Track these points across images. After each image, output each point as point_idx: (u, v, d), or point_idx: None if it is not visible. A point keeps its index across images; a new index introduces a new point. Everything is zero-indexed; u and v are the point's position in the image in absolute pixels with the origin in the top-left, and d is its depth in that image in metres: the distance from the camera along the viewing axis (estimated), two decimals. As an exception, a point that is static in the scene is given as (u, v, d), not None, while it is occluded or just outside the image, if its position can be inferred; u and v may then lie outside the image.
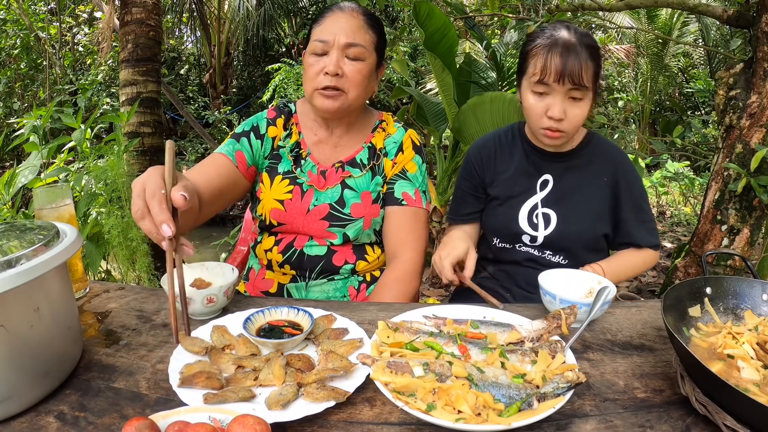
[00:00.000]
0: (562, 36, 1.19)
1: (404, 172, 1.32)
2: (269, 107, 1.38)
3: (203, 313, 1.00)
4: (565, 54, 1.16)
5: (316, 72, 1.21)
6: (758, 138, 2.32)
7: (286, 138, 1.33)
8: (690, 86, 7.69)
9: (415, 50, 7.27)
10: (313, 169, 1.30)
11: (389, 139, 1.34)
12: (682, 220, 5.25)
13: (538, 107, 1.22)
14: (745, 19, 2.51)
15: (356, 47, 1.20)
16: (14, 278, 0.66)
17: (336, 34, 1.19)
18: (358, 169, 1.30)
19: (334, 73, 1.19)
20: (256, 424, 0.60)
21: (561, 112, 1.19)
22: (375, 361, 0.77)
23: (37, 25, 7.02)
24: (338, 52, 1.19)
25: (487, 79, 3.58)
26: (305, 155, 1.31)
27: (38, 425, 0.70)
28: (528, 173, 1.35)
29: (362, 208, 1.28)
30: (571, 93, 1.19)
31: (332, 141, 1.33)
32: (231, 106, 9.57)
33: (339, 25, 1.20)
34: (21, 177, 2.29)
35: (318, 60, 1.21)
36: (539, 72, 1.19)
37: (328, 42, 1.19)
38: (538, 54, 1.20)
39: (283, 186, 1.29)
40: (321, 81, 1.20)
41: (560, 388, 0.70)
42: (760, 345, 0.79)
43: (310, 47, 1.23)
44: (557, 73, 1.17)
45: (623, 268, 1.32)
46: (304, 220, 1.28)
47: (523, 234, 1.34)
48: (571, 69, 1.16)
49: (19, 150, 6.19)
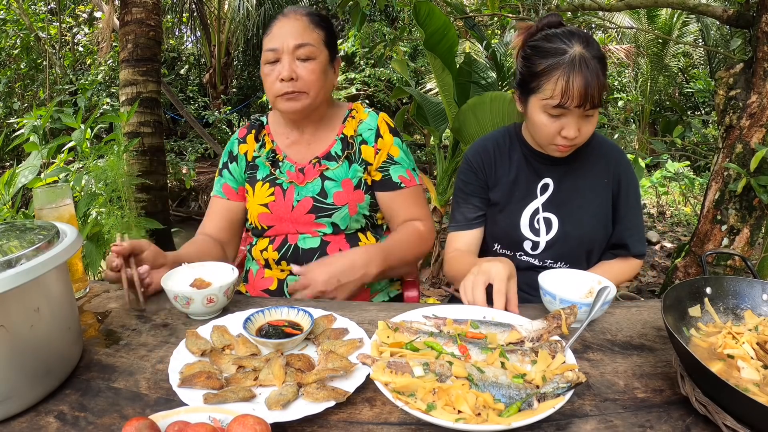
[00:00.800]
0: (577, 54, 1.11)
1: (391, 157, 1.35)
2: (242, 126, 1.47)
3: (203, 313, 1.00)
4: (585, 77, 1.10)
5: (273, 80, 1.25)
6: (758, 138, 2.32)
7: (260, 149, 1.39)
8: (690, 86, 7.69)
9: (415, 50, 7.27)
10: (291, 169, 1.35)
11: (363, 125, 1.36)
12: (682, 220, 5.25)
13: (552, 128, 1.18)
14: (745, 19, 2.51)
15: (305, 47, 1.24)
16: (14, 278, 0.66)
17: (283, 39, 1.23)
18: (334, 162, 1.33)
19: (288, 78, 1.23)
20: (256, 424, 0.60)
21: (576, 132, 1.16)
22: (375, 361, 0.77)
23: (37, 25, 7.02)
24: (289, 57, 1.23)
25: (487, 79, 3.57)
26: (282, 158, 1.36)
27: (38, 425, 0.70)
28: (528, 178, 1.33)
29: (345, 195, 1.31)
30: (587, 111, 1.15)
31: (305, 140, 1.37)
32: (231, 106, 9.57)
33: (285, 31, 1.24)
34: (21, 177, 2.29)
35: (272, 68, 1.25)
36: (559, 96, 1.12)
37: (278, 49, 1.24)
38: (556, 77, 1.12)
39: (265, 190, 1.34)
40: (279, 88, 1.24)
41: (560, 388, 0.70)
42: (760, 345, 0.79)
43: (263, 57, 1.27)
44: (580, 99, 1.11)
45: (611, 279, 1.22)
46: (290, 217, 1.31)
47: (525, 240, 1.32)
48: (593, 93, 1.11)
49: (19, 150, 6.19)
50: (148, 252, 1.09)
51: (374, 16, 7.84)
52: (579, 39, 1.15)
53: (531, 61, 1.18)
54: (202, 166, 7.61)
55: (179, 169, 6.88)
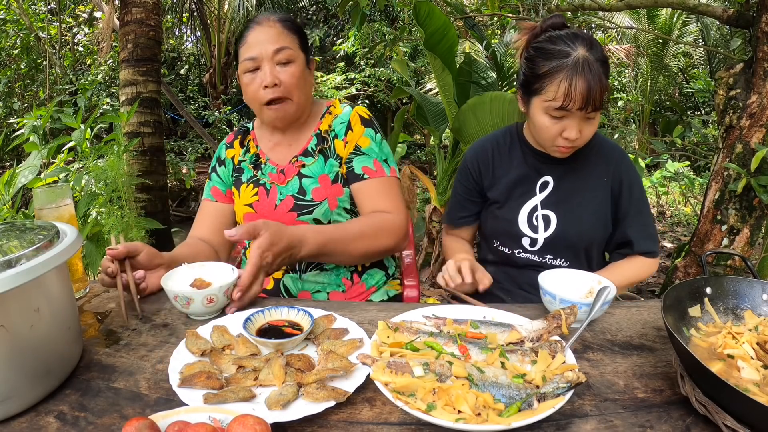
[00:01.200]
0: (580, 57, 1.12)
1: (358, 148, 1.33)
2: (230, 133, 1.49)
3: (203, 313, 1.00)
4: (588, 80, 1.11)
5: (255, 89, 1.26)
6: (758, 138, 2.32)
7: (245, 153, 1.41)
8: (690, 86, 7.69)
9: (415, 50, 7.27)
10: (272, 170, 1.36)
11: (336, 120, 1.36)
12: (682, 220, 5.25)
13: (554, 129, 1.19)
14: (745, 19, 2.51)
15: (284, 51, 1.24)
16: (14, 278, 0.66)
17: (262, 46, 1.24)
18: (310, 157, 1.34)
19: (272, 84, 1.23)
20: (256, 424, 0.60)
21: (578, 133, 1.17)
22: (375, 361, 0.77)
23: (37, 25, 7.01)
24: (269, 63, 1.24)
25: (487, 79, 3.58)
26: (264, 161, 1.38)
27: (38, 425, 0.70)
28: (527, 175, 1.34)
29: (323, 191, 1.31)
30: (588, 114, 1.16)
31: (286, 141, 1.38)
32: (231, 106, 9.57)
33: (262, 38, 1.25)
34: (21, 177, 2.29)
35: (253, 77, 1.26)
36: (561, 99, 1.13)
37: (257, 57, 1.24)
38: (558, 79, 1.13)
39: (249, 191, 1.36)
40: (263, 96, 1.25)
41: (560, 388, 0.70)
42: (760, 345, 0.79)
43: (242, 67, 1.27)
44: (582, 102, 1.12)
45: (620, 279, 1.25)
46: (273, 216, 1.32)
47: (523, 236, 1.33)
48: (595, 96, 1.12)
49: (19, 150, 6.19)
50: (143, 254, 1.08)
51: (374, 16, 7.84)
52: (583, 42, 1.15)
53: (534, 62, 1.19)
54: (202, 166, 7.60)
55: (179, 169, 6.88)
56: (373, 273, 1.40)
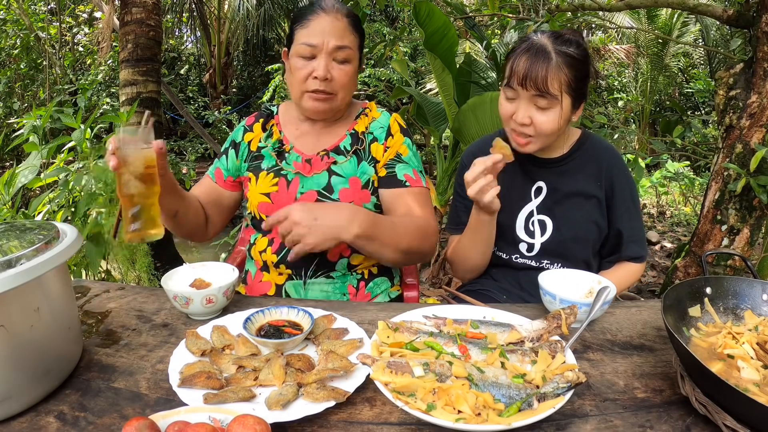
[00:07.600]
0: (538, 42, 1.18)
1: (399, 156, 1.33)
2: (252, 114, 1.43)
3: (202, 313, 1.00)
4: (533, 59, 1.15)
5: (305, 76, 1.23)
6: (758, 138, 2.32)
7: (267, 138, 1.36)
8: (690, 86, 7.69)
9: (415, 50, 7.26)
10: (297, 159, 1.32)
11: (375, 123, 1.35)
12: (682, 220, 5.25)
13: (506, 110, 1.23)
14: (745, 19, 2.51)
15: (345, 50, 1.22)
16: (14, 278, 0.66)
17: (324, 37, 1.20)
18: (342, 156, 1.31)
19: (324, 78, 1.21)
20: (256, 424, 0.60)
21: (525, 117, 1.19)
22: (375, 361, 0.77)
23: (37, 25, 7.01)
24: (327, 57, 1.21)
25: (487, 79, 3.58)
26: (289, 149, 1.34)
27: (38, 425, 0.70)
28: (522, 181, 1.34)
29: (351, 194, 1.28)
30: (536, 100, 1.17)
31: (315, 132, 1.35)
32: (231, 106, 9.57)
33: (326, 28, 1.21)
34: (21, 177, 2.29)
35: (306, 63, 1.22)
36: (507, 75, 1.20)
37: (317, 46, 1.21)
38: (511, 58, 1.21)
39: (269, 180, 1.31)
40: (310, 84, 1.22)
41: (560, 388, 0.70)
42: (760, 345, 0.79)
43: (297, 50, 1.23)
44: (521, 78, 1.16)
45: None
46: None
47: (521, 242, 1.33)
48: (535, 75, 1.14)
49: (19, 150, 6.19)
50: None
51: (374, 16, 7.84)
52: (552, 35, 1.20)
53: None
54: (202, 166, 7.59)
55: (179, 169, 6.88)
56: (380, 282, 1.37)
